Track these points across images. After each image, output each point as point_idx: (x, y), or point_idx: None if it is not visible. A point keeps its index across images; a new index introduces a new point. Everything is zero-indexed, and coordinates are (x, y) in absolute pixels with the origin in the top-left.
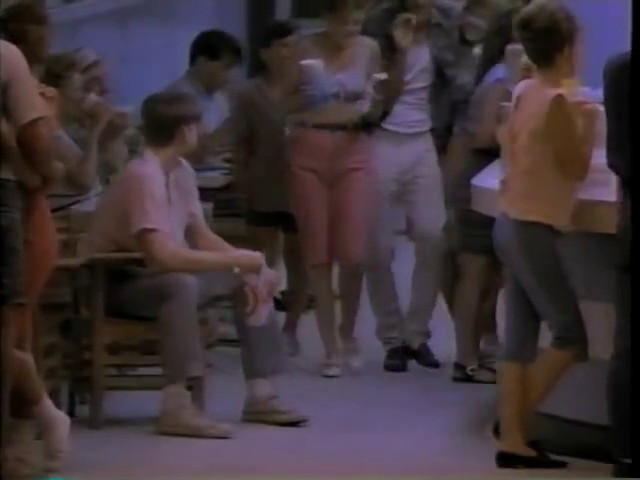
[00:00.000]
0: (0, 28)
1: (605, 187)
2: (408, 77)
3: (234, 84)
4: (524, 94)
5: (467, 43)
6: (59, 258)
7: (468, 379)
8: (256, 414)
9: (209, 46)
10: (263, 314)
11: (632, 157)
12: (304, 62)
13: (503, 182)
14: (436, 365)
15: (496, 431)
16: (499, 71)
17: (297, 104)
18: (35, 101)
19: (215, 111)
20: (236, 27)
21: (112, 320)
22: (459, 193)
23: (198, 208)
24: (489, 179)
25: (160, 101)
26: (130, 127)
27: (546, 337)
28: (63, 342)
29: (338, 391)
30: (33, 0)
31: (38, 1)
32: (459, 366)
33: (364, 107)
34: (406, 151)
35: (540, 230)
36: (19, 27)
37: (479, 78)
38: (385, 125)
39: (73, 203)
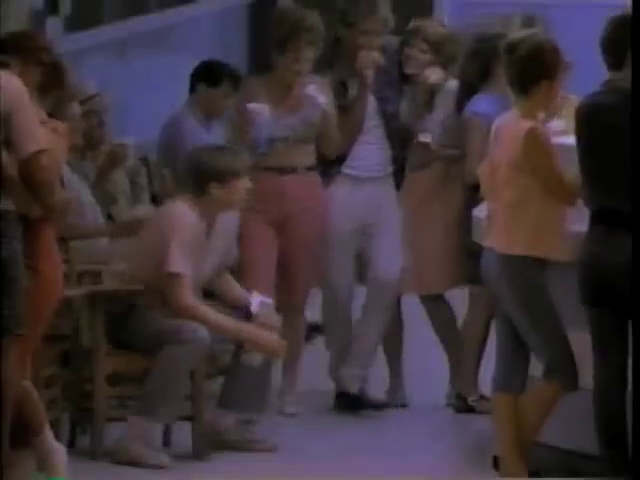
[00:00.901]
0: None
1: None
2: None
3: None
4: (501, 127)
5: (406, 77)
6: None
7: (470, 410)
8: (227, 442)
9: (209, 74)
10: (259, 357)
11: (632, 195)
12: (250, 105)
13: (487, 218)
14: (381, 406)
15: (496, 462)
16: (478, 103)
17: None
18: (37, 133)
19: (213, 140)
20: (238, 58)
21: (113, 351)
22: (462, 226)
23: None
24: None
25: (206, 152)
26: (131, 158)
27: (536, 366)
28: (64, 373)
29: (336, 422)
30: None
31: (34, 32)
32: (460, 397)
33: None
34: (365, 196)
35: (526, 263)
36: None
37: (459, 107)
38: (343, 168)
39: None
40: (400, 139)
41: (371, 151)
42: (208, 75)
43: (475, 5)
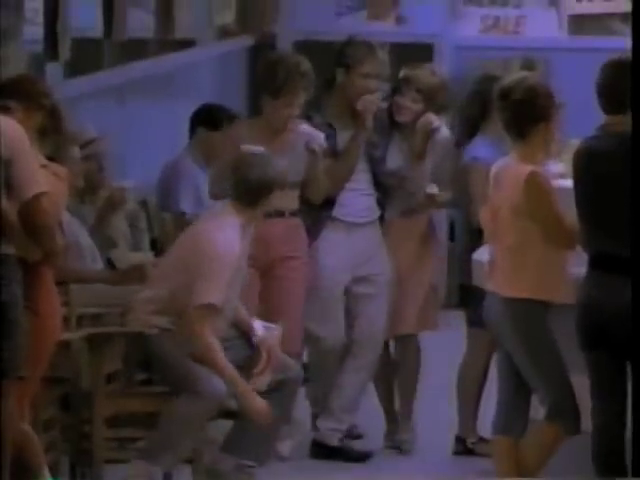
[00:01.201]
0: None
1: None
2: None
3: None
4: (500, 171)
5: (397, 125)
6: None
7: (469, 452)
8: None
9: (209, 117)
10: (266, 380)
11: (632, 241)
12: (244, 147)
13: (489, 262)
14: (364, 457)
15: None
16: (476, 148)
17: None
18: (37, 176)
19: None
20: (237, 103)
21: (112, 394)
22: (462, 270)
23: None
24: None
25: (255, 164)
26: (130, 202)
27: (536, 409)
28: (63, 415)
29: (338, 465)
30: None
31: (34, 77)
32: (459, 439)
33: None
34: (357, 242)
35: (530, 306)
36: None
37: (457, 147)
38: (334, 214)
39: None
40: (384, 186)
41: (358, 197)
42: (207, 118)
43: (475, 49)
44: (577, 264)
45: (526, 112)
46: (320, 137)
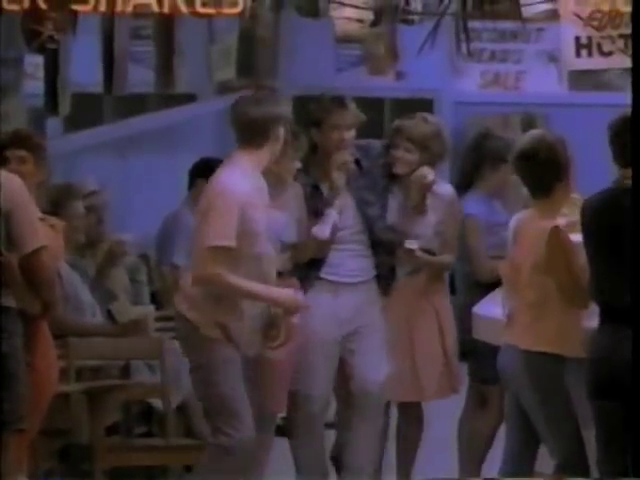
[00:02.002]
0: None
1: None
2: (343, 222)
3: None
4: (520, 227)
5: (395, 179)
6: (58, 384)
7: None
8: None
9: (207, 169)
10: (283, 352)
11: (632, 290)
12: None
13: (508, 315)
14: None
15: None
16: (470, 204)
17: None
18: (37, 230)
19: None
20: None
21: (112, 447)
22: (462, 323)
23: None
24: (491, 308)
25: (252, 102)
26: (130, 255)
27: (540, 463)
28: (62, 467)
29: None
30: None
31: (36, 131)
32: None
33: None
34: (346, 302)
35: (548, 359)
36: (17, 154)
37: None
38: (322, 274)
39: None
40: (387, 243)
41: (349, 257)
42: (206, 170)
43: (475, 105)
44: (588, 317)
45: (551, 171)
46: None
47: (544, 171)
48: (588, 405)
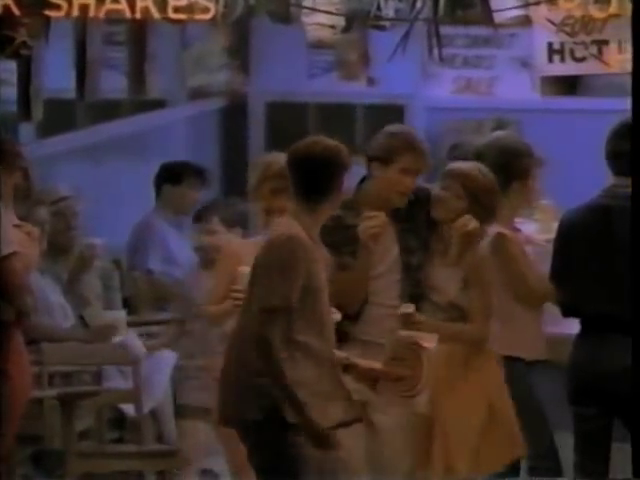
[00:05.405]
0: None
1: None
2: (380, 269)
3: None
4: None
5: (431, 225)
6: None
7: None
8: None
9: (170, 173)
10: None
11: (633, 300)
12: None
13: None
14: None
15: None
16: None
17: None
18: (9, 236)
19: (184, 238)
20: (210, 163)
21: (84, 453)
22: None
23: None
24: None
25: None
26: (102, 259)
27: None
28: (36, 473)
29: None
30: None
31: (10, 139)
32: None
33: None
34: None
35: (510, 363)
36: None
37: None
38: (354, 332)
39: None
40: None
41: (387, 315)
42: (169, 175)
43: (447, 111)
44: (552, 323)
45: (500, 174)
46: None
47: (494, 173)
48: (560, 409)
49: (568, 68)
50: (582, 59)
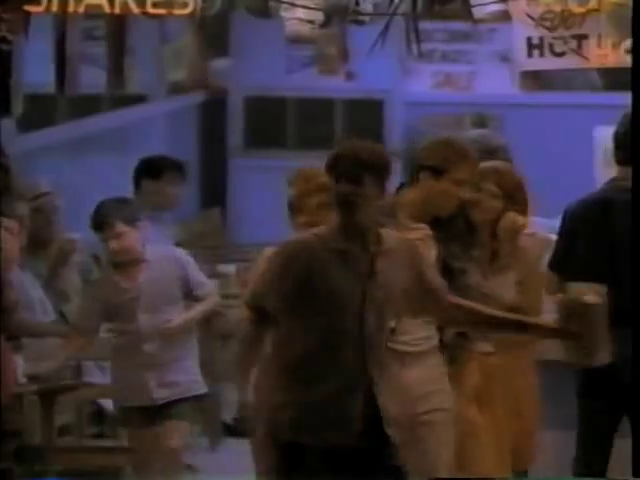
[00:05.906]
0: None
1: None
2: None
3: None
4: None
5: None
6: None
7: None
8: None
9: (149, 168)
10: None
11: (632, 292)
12: None
13: None
14: None
15: None
16: None
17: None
18: None
19: (164, 233)
20: (189, 156)
21: (64, 448)
22: None
23: None
24: None
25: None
26: (82, 255)
27: None
28: (17, 468)
29: None
30: None
31: None
32: None
33: None
34: (413, 374)
35: None
36: None
37: None
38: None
39: None
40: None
41: (418, 324)
42: (148, 170)
43: (426, 105)
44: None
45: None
46: None
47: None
48: (562, 407)
49: (547, 63)
50: (561, 54)
